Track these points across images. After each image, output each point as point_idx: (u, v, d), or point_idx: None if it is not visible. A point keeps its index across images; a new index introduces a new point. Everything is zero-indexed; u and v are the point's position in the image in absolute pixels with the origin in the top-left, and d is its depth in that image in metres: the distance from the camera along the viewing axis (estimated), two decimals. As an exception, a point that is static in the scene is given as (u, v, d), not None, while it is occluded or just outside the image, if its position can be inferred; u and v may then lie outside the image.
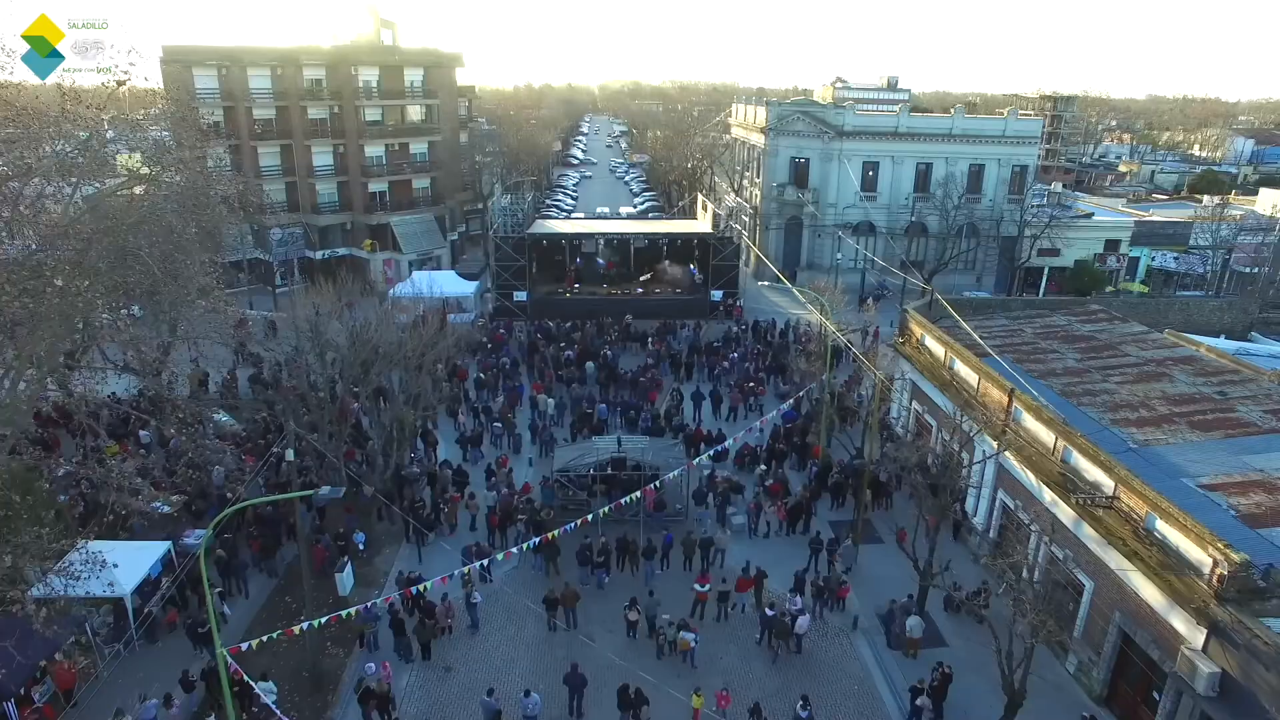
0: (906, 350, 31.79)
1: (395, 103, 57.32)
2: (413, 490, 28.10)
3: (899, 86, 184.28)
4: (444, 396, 35.62)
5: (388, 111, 57.27)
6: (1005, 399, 24.72)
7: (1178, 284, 60.39)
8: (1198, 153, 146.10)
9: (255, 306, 53.02)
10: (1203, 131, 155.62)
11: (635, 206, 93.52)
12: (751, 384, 37.41)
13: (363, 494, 27.21)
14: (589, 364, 39.64)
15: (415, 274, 52.74)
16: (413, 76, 58.19)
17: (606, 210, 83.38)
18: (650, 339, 43.85)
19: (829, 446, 32.12)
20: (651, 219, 73.81)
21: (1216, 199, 72.54)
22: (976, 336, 29.70)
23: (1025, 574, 23.23)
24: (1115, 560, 18.79)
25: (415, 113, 59.40)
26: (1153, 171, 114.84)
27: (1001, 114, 60.63)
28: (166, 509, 26.45)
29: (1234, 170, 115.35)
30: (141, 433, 31.93)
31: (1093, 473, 20.24)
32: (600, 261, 55.43)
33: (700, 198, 57.87)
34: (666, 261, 52.20)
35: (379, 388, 29.82)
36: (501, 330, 45.10)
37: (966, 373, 27.41)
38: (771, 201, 59.69)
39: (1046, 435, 22.44)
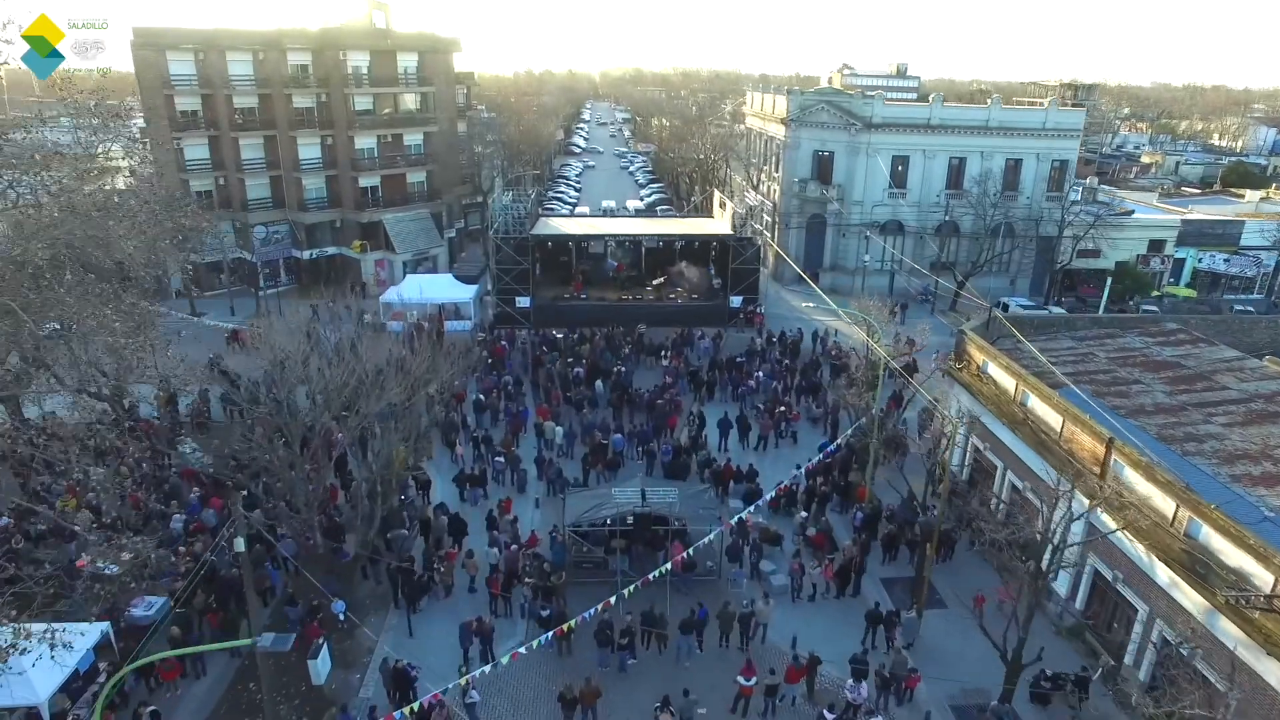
0: (965, 378, 27.94)
1: (388, 90, 53.14)
2: (402, 544, 24.33)
3: (908, 74, 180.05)
4: (439, 422, 31.83)
5: (379, 100, 53.10)
6: (1100, 449, 20.91)
7: (1225, 287, 56.53)
8: (1217, 142, 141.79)
9: (237, 311, 49.14)
10: (1222, 120, 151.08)
11: (642, 200, 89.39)
12: (782, 409, 33.55)
13: (343, 552, 23.42)
14: (599, 383, 35.77)
15: (409, 278, 48.87)
16: (406, 62, 53.97)
17: (612, 204, 79.26)
18: (666, 353, 39.95)
19: (873, 482, 28.45)
20: (662, 215, 69.80)
21: (1259, 194, 68.55)
22: (1049, 364, 25.90)
23: (1129, 660, 19.63)
24: (1278, 674, 15.06)
25: (409, 101, 55.23)
26: (1177, 163, 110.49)
27: (1040, 104, 56.49)
28: (114, 570, 22.69)
29: (1262, 162, 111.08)
30: (91, 470, 28.05)
31: (1237, 558, 16.46)
32: (610, 263, 51.53)
33: (718, 195, 53.78)
34: (684, 264, 48.22)
35: (365, 428, 25.82)
36: (503, 343, 41.16)
37: (1045, 411, 23.58)
38: (792, 198, 55.66)
39: (1164, 502, 18.64)
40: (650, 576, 20.62)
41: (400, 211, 54.20)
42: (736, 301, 46.55)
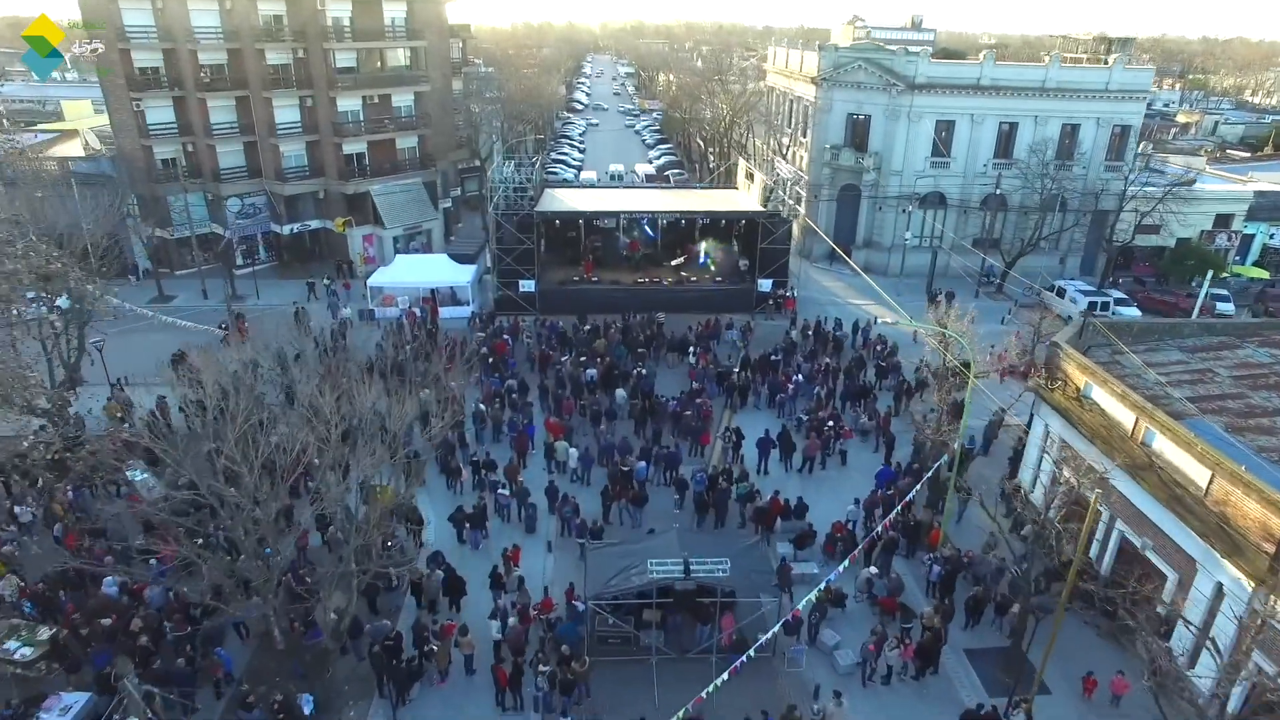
0: (1060, 402, 23.34)
1: (373, 45, 47.43)
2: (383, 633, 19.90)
3: (924, 26, 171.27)
4: (435, 440, 27.29)
5: (364, 56, 47.43)
6: (1266, 518, 16.43)
7: (1298, 266, 51.60)
8: (1251, 99, 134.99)
9: (210, 295, 44.27)
10: (1258, 75, 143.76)
11: (651, 162, 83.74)
12: (830, 423, 28.98)
13: (314, 631, 19.07)
14: (619, 391, 31.16)
15: (398, 258, 43.93)
16: (394, 12, 48.11)
17: (620, 169, 73.68)
18: (693, 350, 35.22)
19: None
20: (676, 183, 64.39)
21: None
22: (1166, 386, 21.31)
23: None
24: None
25: (398, 57, 49.52)
26: (1215, 122, 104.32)
27: (1104, 62, 50.82)
28: (28, 651, 18.43)
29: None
30: (18, 509, 23.60)
31: None
32: (622, 240, 46.50)
33: (743, 164, 48.42)
34: (712, 243, 43.18)
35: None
36: (505, 337, 36.40)
37: (1182, 460, 19.02)
38: (822, 167, 50.35)
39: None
40: (702, 696, 16.30)
41: (389, 181, 48.90)
42: (766, 285, 41.78)
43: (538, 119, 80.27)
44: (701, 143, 79.29)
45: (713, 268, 43.90)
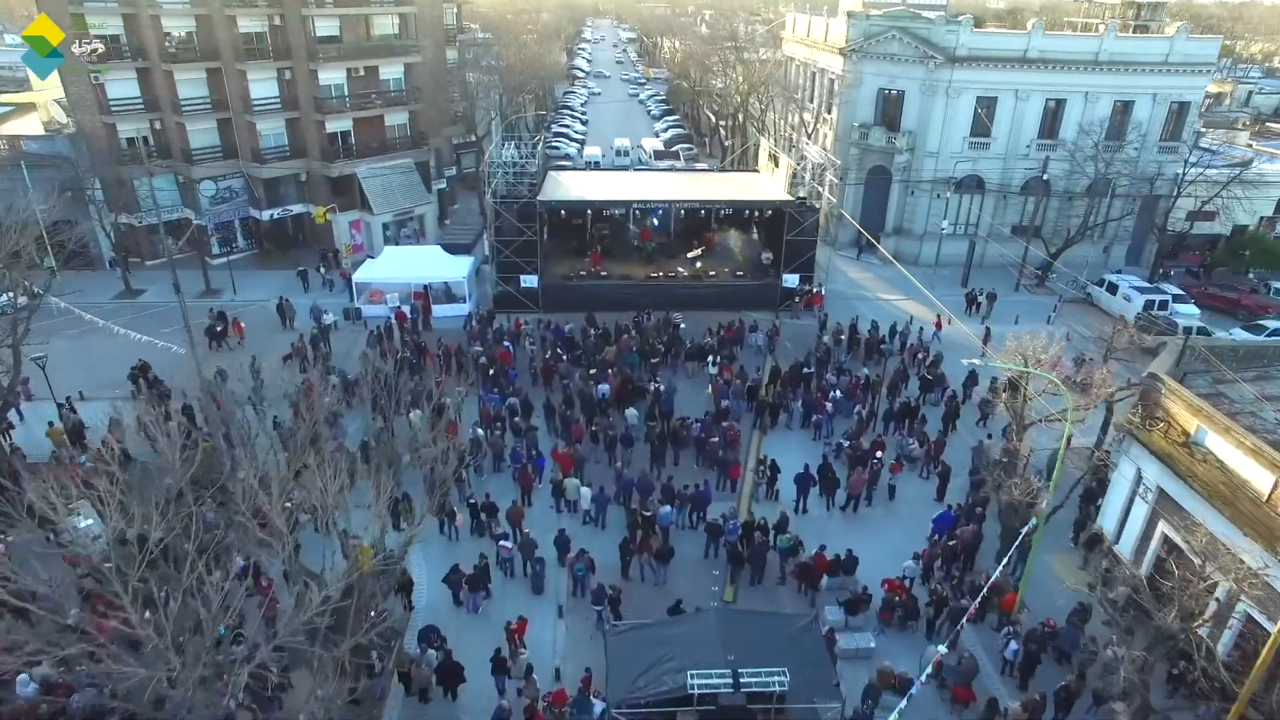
0: (1159, 445, 19.81)
1: (357, 10, 43.04)
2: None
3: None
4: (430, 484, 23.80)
5: (347, 24, 43.02)
6: None
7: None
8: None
9: (185, 288, 40.33)
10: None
11: (658, 135, 79.22)
12: (877, 457, 25.41)
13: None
14: (631, 411, 27.57)
15: (385, 251, 40.04)
16: (380, -26, 43.73)
17: (626, 144, 69.25)
18: (715, 360, 31.57)
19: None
20: (687, 163, 60.13)
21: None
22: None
23: None
24: None
25: (385, 24, 45.12)
26: (1249, 93, 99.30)
27: (1164, 32, 46.37)
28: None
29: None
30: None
31: None
32: (632, 229, 42.62)
33: (766, 146, 44.20)
34: (733, 233, 39.27)
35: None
36: (507, 344, 32.70)
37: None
38: (849, 147, 46.25)
39: None
40: None
41: (378, 162, 44.79)
42: (791, 281, 38.02)
43: (538, 89, 75.57)
44: (712, 115, 74.72)
45: (741, 258, 40.15)
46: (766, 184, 41.16)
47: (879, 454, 25.33)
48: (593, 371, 29.93)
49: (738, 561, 21.64)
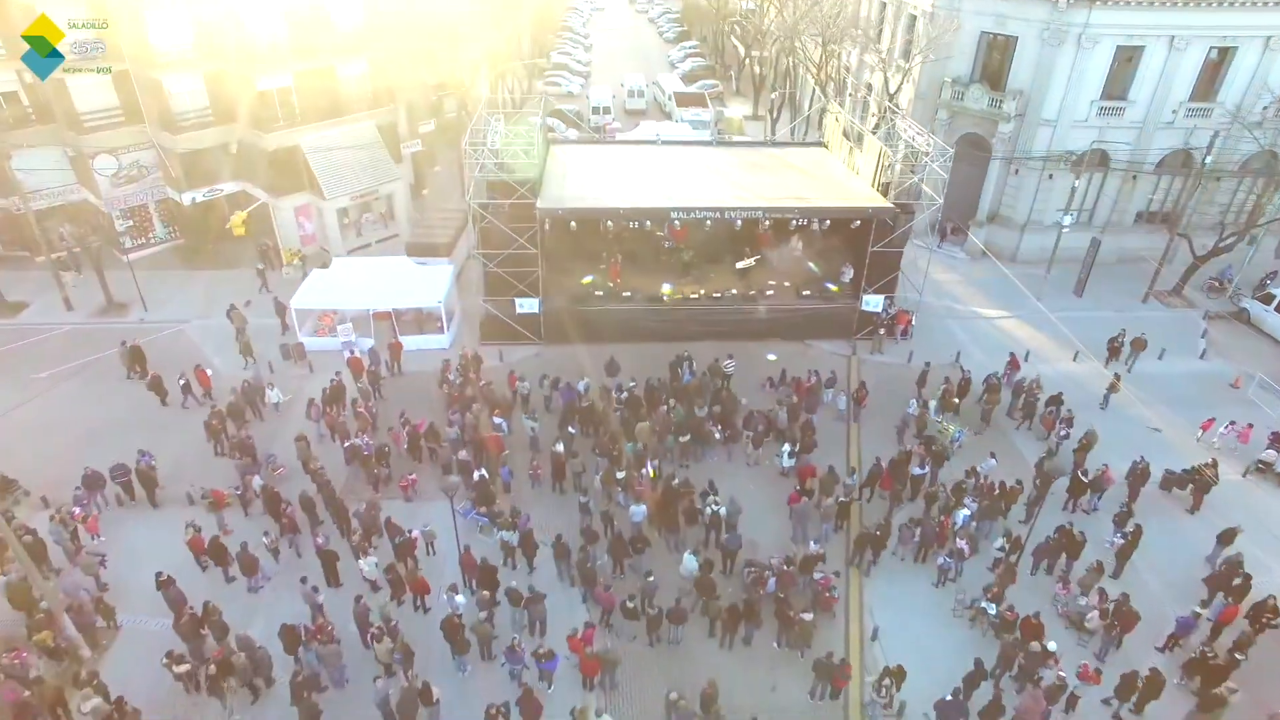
0: None
1: (292, -77, 32.05)
2: None
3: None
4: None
5: (279, -60, 32.11)
6: None
7: None
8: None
9: (76, 303, 30.97)
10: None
11: (675, 66, 67.91)
12: (1058, 671, 16.77)
13: None
14: (689, 560, 18.83)
15: (335, 264, 30.31)
16: None
17: (640, 82, 58.19)
18: (791, 451, 22.64)
19: None
20: (720, 129, 49.28)
21: None
22: None
23: None
24: None
25: (332, -59, 34.13)
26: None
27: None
28: None
29: None
30: None
31: None
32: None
33: (838, 116, 33.66)
34: (797, 242, 29.75)
35: None
36: (498, 421, 23.55)
37: None
38: (938, 109, 36.05)
39: None
40: None
41: (329, 128, 34.58)
42: (875, 303, 28.79)
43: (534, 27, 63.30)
44: (739, 45, 63.00)
45: (811, 268, 30.79)
46: (839, 167, 31.27)
47: (1051, 655, 16.75)
48: (620, 476, 21.07)
49: None
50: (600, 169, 30.73)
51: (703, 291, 29.37)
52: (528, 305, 28.07)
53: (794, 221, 27.18)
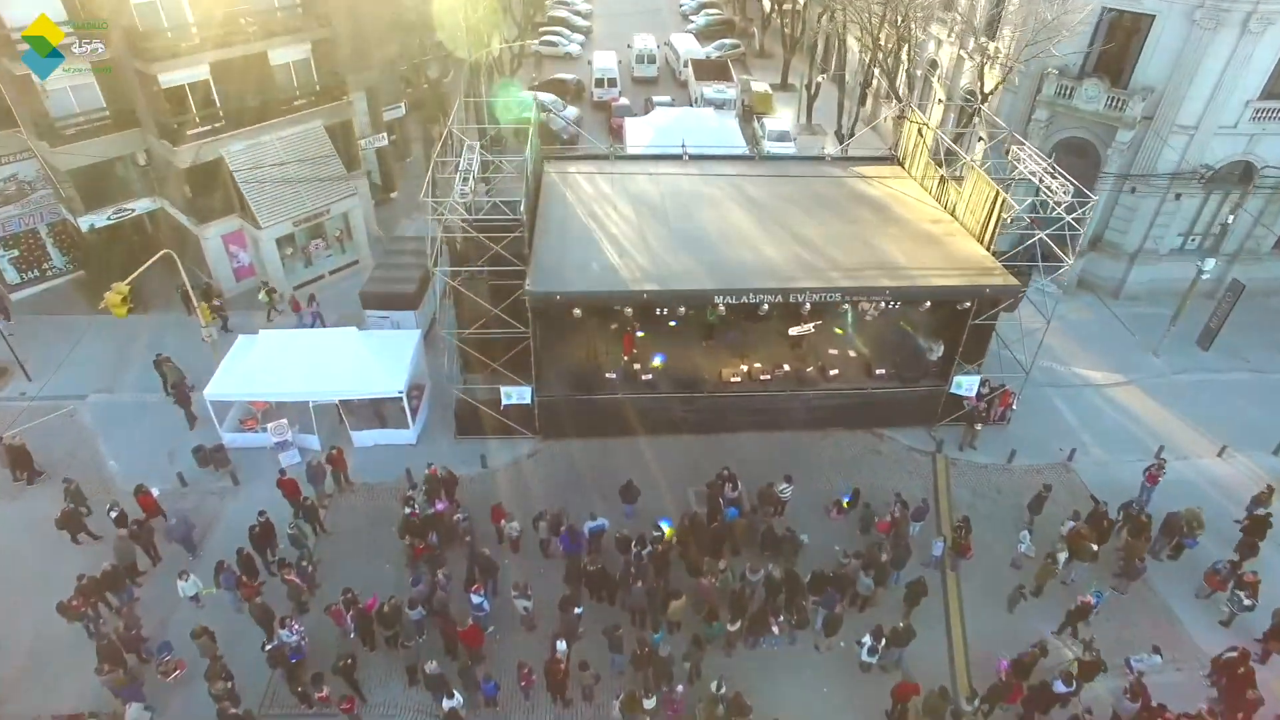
0: None
1: None
2: None
3: None
4: None
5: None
6: None
7: None
8: None
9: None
10: None
11: (689, 20, 59.28)
12: None
13: None
14: None
15: (261, 335, 22.79)
16: None
17: (651, 44, 49.76)
18: (872, 647, 16.15)
19: None
20: (792, 155, 41.22)
21: None
22: None
23: None
24: None
25: (254, -117, 25.90)
26: None
27: None
28: None
29: None
30: None
31: None
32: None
33: (920, 126, 25.68)
34: (869, 310, 22.44)
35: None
36: (477, 603, 16.89)
37: None
38: (1036, 107, 28.40)
39: None
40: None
41: (260, 133, 26.95)
42: (968, 384, 21.85)
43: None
44: (764, 2, 54.12)
45: (893, 345, 23.65)
46: (927, 202, 23.90)
47: None
48: (649, 705, 14.65)
49: None
50: (611, 213, 23.21)
51: (744, 370, 22.42)
52: (517, 395, 21.20)
53: (885, 304, 19.62)
